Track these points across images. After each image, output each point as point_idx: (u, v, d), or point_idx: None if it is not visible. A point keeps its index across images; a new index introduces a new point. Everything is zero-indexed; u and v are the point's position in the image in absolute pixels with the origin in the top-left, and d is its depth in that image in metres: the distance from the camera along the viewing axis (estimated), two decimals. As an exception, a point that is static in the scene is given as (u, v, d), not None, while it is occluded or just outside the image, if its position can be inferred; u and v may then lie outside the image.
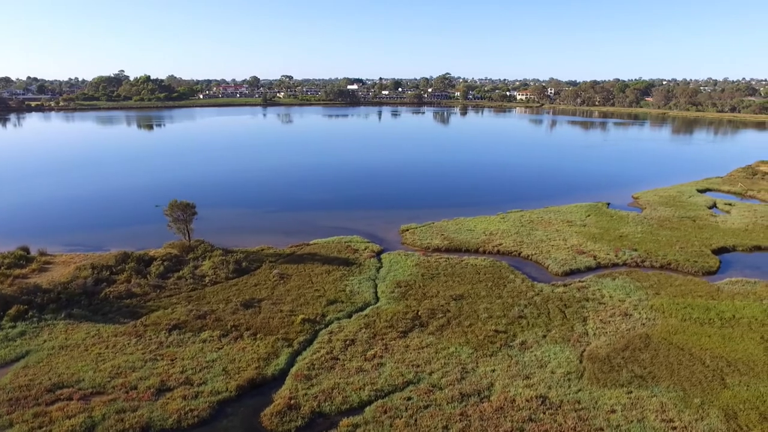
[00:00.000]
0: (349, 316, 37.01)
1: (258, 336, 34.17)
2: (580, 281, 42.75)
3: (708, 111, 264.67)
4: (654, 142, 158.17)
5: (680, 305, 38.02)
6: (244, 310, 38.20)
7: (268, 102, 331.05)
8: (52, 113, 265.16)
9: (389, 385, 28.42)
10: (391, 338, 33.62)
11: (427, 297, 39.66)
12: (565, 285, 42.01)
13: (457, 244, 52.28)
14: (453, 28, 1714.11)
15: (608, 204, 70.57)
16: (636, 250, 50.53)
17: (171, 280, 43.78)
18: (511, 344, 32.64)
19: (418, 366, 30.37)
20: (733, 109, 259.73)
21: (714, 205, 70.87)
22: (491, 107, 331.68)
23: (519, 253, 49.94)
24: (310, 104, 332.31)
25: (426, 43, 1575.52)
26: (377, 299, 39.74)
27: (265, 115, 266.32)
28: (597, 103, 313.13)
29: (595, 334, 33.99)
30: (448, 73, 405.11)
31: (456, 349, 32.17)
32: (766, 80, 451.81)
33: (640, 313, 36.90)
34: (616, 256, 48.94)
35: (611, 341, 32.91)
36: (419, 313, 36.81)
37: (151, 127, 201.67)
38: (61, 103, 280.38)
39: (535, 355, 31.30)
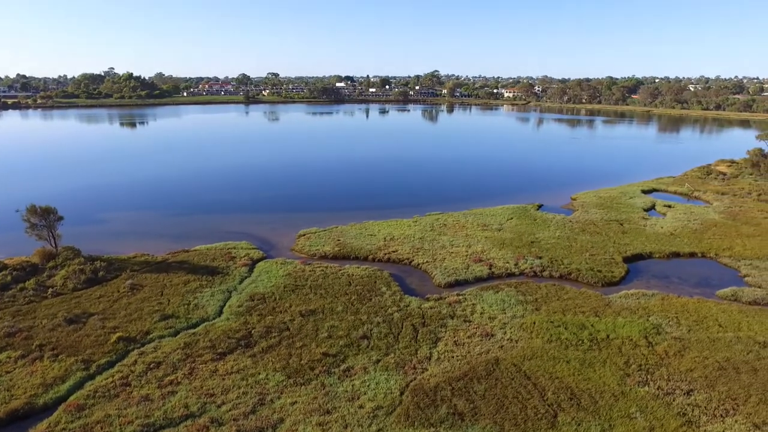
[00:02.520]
0: (176, 333, 32.88)
1: (60, 357, 30.09)
2: (458, 294, 38.49)
3: (693, 109, 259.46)
4: (627, 140, 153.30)
5: (555, 323, 33.81)
6: (66, 326, 34.09)
7: (251, 100, 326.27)
8: (29, 111, 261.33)
9: (165, 419, 24.39)
10: (203, 361, 29.51)
11: (275, 312, 35.50)
12: (439, 299, 37.75)
13: (348, 250, 48.04)
14: (450, 27, 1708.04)
15: (540, 206, 66.25)
16: (541, 257, 46.26)
17: (11, 292, 39.54)
18: (333, 371, 28.45)
19: (213, 395, 26.28)
20: (718, 107, 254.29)
21: (653, 207, 66.54)
22: (477, 105, 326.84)
23: (410, 261, 45.67)
24: (294, 102, 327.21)
25: (420, 41, 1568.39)
26: (220, 314, 35.63)
27: (247, 113, 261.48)
28: (584, 100, 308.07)
29: (439, 358, 29.78)
30: (436, 71, 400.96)
31: (267, 375, 28.02)
32: (758, 78, 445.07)
33: (505, 333, 32.69)
34: (515, 264, 44.65)
35: (452, 368, 28.70)
36: (252, 332, 32.64)
37: (132, 125, 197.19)
38: (39, 101, 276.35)
39: (353, 385, 27.12)
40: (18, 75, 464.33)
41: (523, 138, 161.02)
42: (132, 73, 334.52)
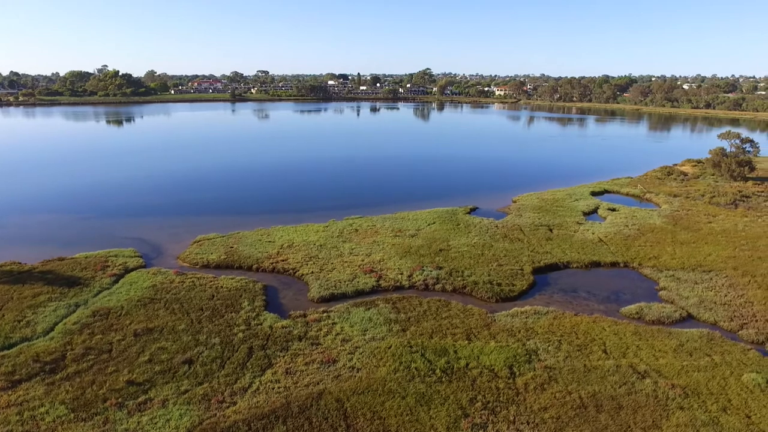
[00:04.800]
0: (-17, 357, 29.25)
1: None
2: (324, 311, 34.50)
3: (683, 107, 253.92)
4: (607, 138, 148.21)
5: (413, 348, 29.83)
6: None
7: (238, 98, 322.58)
8: (11, 108, 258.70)
9: None
10: (-11, 393, 25.86)
11: (109, 330, 31.67)
12: (300, 316, 33.86)
13: (235, 259, 44.17)
14: (450, 24, 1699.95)
15: (474, 208, 62.24)
16: (442, 268, 42.25)
17: None
18: (127, 403, 24.70)
19: (-29, 438, 22.65)
20: (708, 105, 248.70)
21: (596, 210, 62.36)
22: (468, 103, 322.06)
23: (295, 272, 41.83)
24: (281, 100, 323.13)
25: (419, 41, 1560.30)
26: (49, 332, 31.84)
27: (233, 111, 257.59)
28: (574, 99, 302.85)
29: (257, 390, 25.92)
30: (428, 69, 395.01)
31: (50, 408, 24.24)
32: (754, 77, 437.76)
33: (351, 360, 28.73)
34: (409, 276, 40.68)
35: (265, 402, 24.82)
36: (67, 354, 28.93)
37: (109, 123, 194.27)
38: (21, 98, 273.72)
39: (140, 421, 23.33)
40: (11, 72, 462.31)
41: (500, 137, 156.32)
42: (118, 71, 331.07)
